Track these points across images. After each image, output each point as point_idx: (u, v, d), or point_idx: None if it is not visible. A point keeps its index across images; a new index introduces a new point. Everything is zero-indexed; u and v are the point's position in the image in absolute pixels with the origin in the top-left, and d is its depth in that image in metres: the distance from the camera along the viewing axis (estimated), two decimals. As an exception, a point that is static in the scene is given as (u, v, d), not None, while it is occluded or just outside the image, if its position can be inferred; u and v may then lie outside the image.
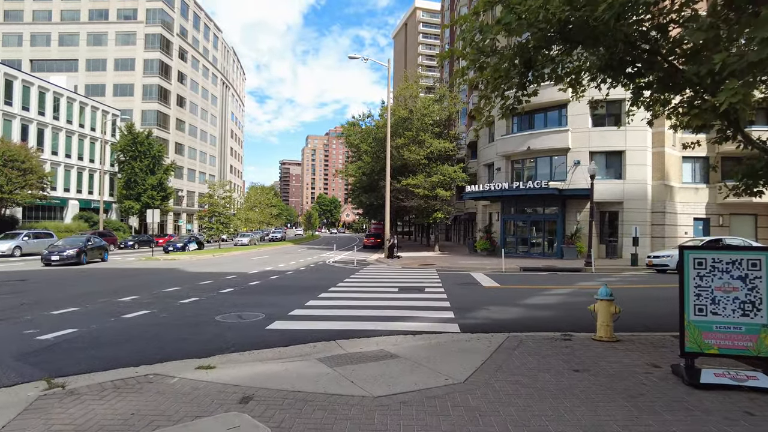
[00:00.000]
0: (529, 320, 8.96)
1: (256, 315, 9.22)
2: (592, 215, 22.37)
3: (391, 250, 26.83)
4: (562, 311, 10.02)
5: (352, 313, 9.47)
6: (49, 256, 21.90)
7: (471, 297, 12.10)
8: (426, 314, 9.36)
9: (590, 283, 15.54)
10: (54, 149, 47.40)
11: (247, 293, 12.60)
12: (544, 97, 29.29)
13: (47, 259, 21.79)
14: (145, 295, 12.04)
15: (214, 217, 40.76)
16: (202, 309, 9.97)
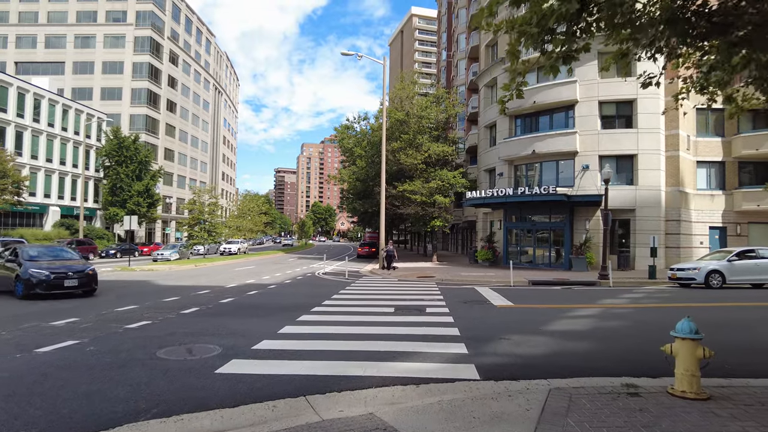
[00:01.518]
0: (565, 356, 6.92)
1: (210, 349, 7.13)
2: (606, 223, 20.42)
3: (389, 261, 24.66)
4: (601, 342, 7.98)
5: (335, 346, 7.39)
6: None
7: (483, 320, 10.05)
8: (430, 347, 7.30)
9: (615, 301, 13.53)
10: (34, 153, 45.18)
11: (212, 315, 10.50)
12: (549, 97, 27.62)
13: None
14: (89, 317, 9.94)
15: (198, 224, 38.52)
16: (146, 338, 7.88)
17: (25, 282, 12.69)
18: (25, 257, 13.49)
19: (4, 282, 13.78)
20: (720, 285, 16.74)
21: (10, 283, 13.35)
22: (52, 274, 12.91)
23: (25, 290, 12.68)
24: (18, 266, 13.16)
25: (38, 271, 12.89)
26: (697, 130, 27.81)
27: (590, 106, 26.76)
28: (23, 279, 12.71)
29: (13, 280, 13.17)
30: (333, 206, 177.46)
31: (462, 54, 49.93)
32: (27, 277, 12.67)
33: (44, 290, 12.71)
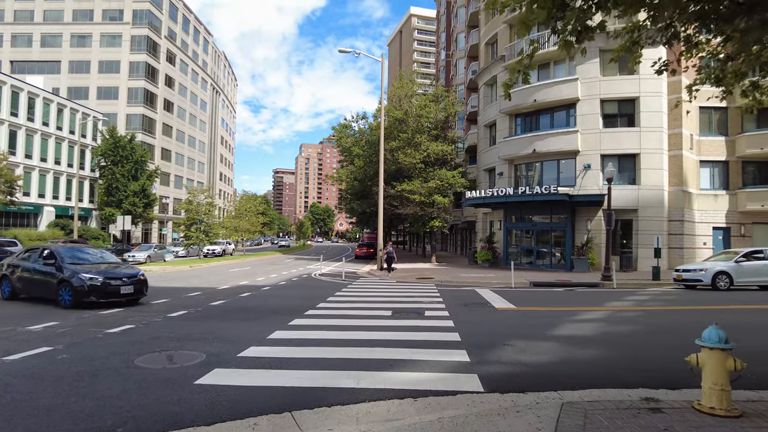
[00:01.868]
0: (575, 365, 6.44)
1: (193, 356, 6.63)
2: (610, 223, 19.93)
3: (388, 262, 24.03)
4: (610, 348, 7.50)
5: (327, 353, 6.89)
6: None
7: (484, 325, 9.55)
8: (430, 355, 6.81)
9: (621, 303, 13.05)
10: (28, 153, 44.57)
11: (200, 318, 10.00)
12: (550, 95, 27.16)
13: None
14: (69, 321, 9.43)
15: (194, 225, 37.94)
16: (126, 344, 7.38)
17: (75, 289, 11.04)
18: (67, 260, 11.83)
19: (40, 288, 12.03)
20: (727, 287, 16.27)
21: (50, 290, 11.62)
22: (108, 279, 11.41)
23: (74, 298, 11.05)
24: (57, 270, 11.57)
25: (92, 276, 11.25)
26: (700, 128, 27.38)
27: (592, 104, 26.31)
28: (74, 285, 11.05)
29: (54, 287, 11.46)
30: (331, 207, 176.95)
31: (461, 53, 49.47)
32: (79, 283, 11.04)
33: (99, 298, 11.17)
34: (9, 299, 12.57)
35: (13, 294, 12.59)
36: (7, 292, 12.74)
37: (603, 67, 26.40)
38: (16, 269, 12.63)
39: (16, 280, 12.52)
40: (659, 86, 25.61)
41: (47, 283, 11.76)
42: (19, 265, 12.66)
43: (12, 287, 12.59)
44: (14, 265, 12.77)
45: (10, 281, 12.65)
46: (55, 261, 11.86)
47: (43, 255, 12.45)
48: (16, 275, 12.53)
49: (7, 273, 12.85)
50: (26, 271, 12.39)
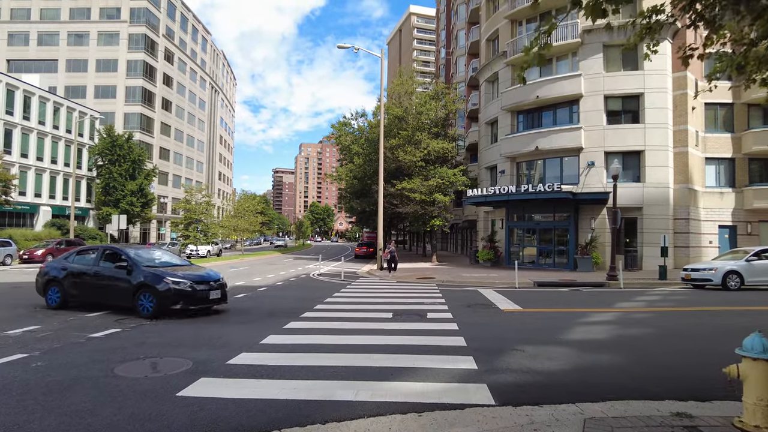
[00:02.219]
0: (590, 372, 5.95)
1: (178, 363, 6.15)
2: (616, 222, 19.44)
3: (390, 262, 23.35)
4: (627, 354, 7.01)
5: (323, 360, 6.40)
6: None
7: (490, 328, 9.06)
8: (434, 362, 6.32)
9: (630, 304, 12.56)
10: (24, 152, 44.05)
11: (190, 321, 9.51)
12: (552, 92, 26.68)
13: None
14: (54, 324, 8.95)
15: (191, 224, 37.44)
16: (109, 350, 6.89)
17: (161, 294, 9.64)
18: (142, 262, 10.45)
19: (109, 295, 10.45)
20: (738, 286, 15.79)
21: (123, 297, 10.13)
22: (195, 284, 10.07)
23: (158, 306, 9.66)
24: (129, 273, 10.11)
25: (178, 279, 9.89)
26: (705, 125, 26.89)
27: (595, 100, 25.81)
28: (159, 291, 9.65)
29: (130, 293, 9.96)
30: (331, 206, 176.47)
31: (461, 51, 48.98)
32: (165, 288, 9.67)
33: (188, 305, 9.86)
34: (58, 308, 10.74)
35: (63, 302, 10.84)
36: (56, 299, 10.87)
37: (606, 63, 25.91)
38: (69, 273, 10.83)
39: (70, 285, 10.75)
40: (664, 82, 25.13)
41: (119, 288, 10.17)
42: (74, 268, 10.85)
43: (63, 294, 10.83)
44: (65, 268, 10.95)
45: (62, 287, 10.84)
46: (128, 263, 10.32)
47: (107, 256, 10.93)
48: (70, 280, 10.75)
49: (56, 277, 10.94)
50: (86, 275, 10.63)
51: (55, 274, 11.01)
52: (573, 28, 26.36)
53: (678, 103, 25.46)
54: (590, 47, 26.02)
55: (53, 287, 10.98)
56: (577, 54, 26.50)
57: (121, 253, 10.79)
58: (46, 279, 11.13)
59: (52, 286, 10.99)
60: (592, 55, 25.95)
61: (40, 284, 11.28)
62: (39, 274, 11.45)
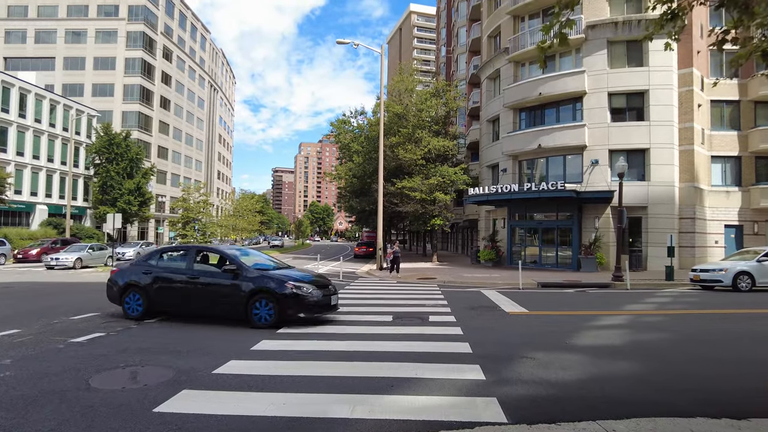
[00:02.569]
0: (608, 383, 5.46)
1: (160, 373, 5.66)
2: (621, 221, 18.98)
3: (393, 263, 22.72)
4: (644, 361, 6.53)
5: (317, 370, 5.92)
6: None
7: (496, 332, 8.57)
8: (438, 371, 5.83)
9: (640, 306, 12.09)
10: (19, 150, 43.53)
11: (180, 324, 9.02)
12: (555, 89, 26.19)
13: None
14: (37, 326, 8.47)
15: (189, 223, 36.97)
16: (88, 357, 6.41)
17: (283, 302, 8.49)
18: (251, 264, 9.33)
19: (211, 303, 9.04)
20: (749, 288, 15.31)
21: (232, 305, 8.78)
22: (317, 288, 8.97)
23: (279, 315, 8.52)
24: (235, 278, 8.80)
25: (301, 284, 8.75)
26: (711, 123, 26.42)
27: (599, 97, 25.33)
28: (280, 298, 8.48)
29: (241, 300, 8.66)
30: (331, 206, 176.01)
31: (462, 48, 48.52)
32: (288, 294, 8.51)
33: (312, 312, 8.80)
34: (140, 318, 9.34)
35: (147, 310, 9.39)
36: (138, 309, 9.38)
37: (611, 59, 25.42)
38: (156, 278, 9.37)
39: (157, 292, 9.30)
40: (669, 79, 24.64)
41: (226, 296, 8.82)
42: (162, 272, 9.44)
43: (147, 301, 9.34)
44: (149, 271, 9.49)
45: (145, 294, 9.33)
46: (235, 266, 8.93)
47: (203, 257, 9.75)
48: (157, 286, 9.31)
49: (137, 282, 9.42)
50: (178, 281, 9.20)
51: (135, 279, 9.47)
52: (577, 23, 25.86)
53: (683, 100, 24.98)
54: (594, 43, 25.53)
55: (133, 294, 9.45)
56: (581, 50, 26.01)
57: (222, 253, 9.57)
58: (124, 284, 9.55)
59: (132, 292, 9.46)
60: (595, 52, 25.47)
61: (115, 290, 9.72)
62: (112, 279, 9.86)
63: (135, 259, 10.09)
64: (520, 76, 28.82)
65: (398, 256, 22.33)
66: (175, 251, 10.26)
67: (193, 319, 9.52)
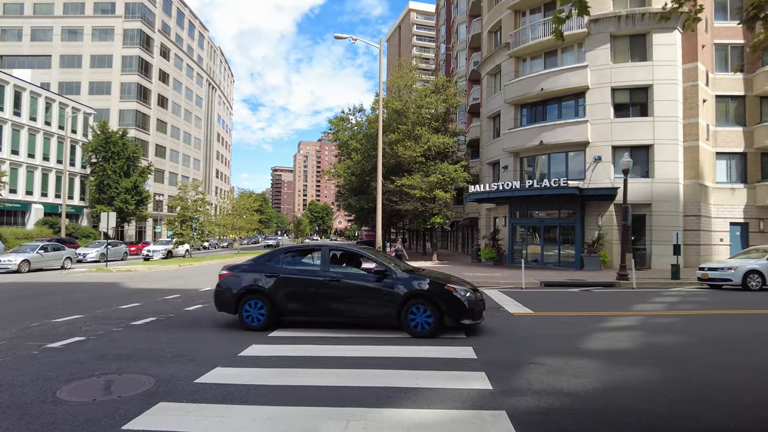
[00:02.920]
0: (626, 393, 4.97)
1: (138, 382, 5.19)
2: (627, 218, 18.50)
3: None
4: (662, 367, 6.05)
5: (309, 379, 5.44)
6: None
7: (501, 335, 8.07)
8: (440, 380, 5.35)
9: (650, 307, 11.61)
10: (14, 148, 43.07)
11: (167, 327, 8.55)
12: (558, 84, 25.70)
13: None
14: (14, 330, 7.99)
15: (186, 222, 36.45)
16: (62, 364, 5.93)
17: (443, 308, 7.64)
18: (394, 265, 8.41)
19: (357, 309, 8.08)
20: (759, 287, 14.84)
21: (385, 311, 7.87)
22: (473, 292, 8.03)
23: (439, 322, 7.67)
24: (380, 280, 7.90)
25: (459, 287, 7.86)
26: (716, 118, 25.94)
27: (602, 93, 24.84)
28: (440, 303, 7.64)
29: (395, 306, 7.74)
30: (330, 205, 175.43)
31: (462, 45, 48.06)
32: (449, 298, 7.66)
33: (474, 318, 7.81)
34: (262, 329, 8.16)
35: (271, 319, 8.24)
36: (260, 318, 8.22)
37: (614, 54, 24.93)
38: (282, 281, 8.24)
39: (285, 297, 8.19)
40: (674, 73, 24.15)
41: (374, 300, 7.90)
42: (289, 274, 8.32)
43: (273, 309, 8.20)
44: (273, 273, 8.33)
45: (269, 300, 8.20)
46: (386, 269, 7.99)
47: (337, 258, 8.85)
48: (285, 291, 8.19)
49: (259, 287, 8.26)
50: (311, 284, 8.14)
51: (257, 284, 8.29)
52: (579, 17, 25.36)
53: (688, 95, 24.50)
54: (597, 37, 25.03)
55: (253, 300, 8.27)
56: (583, 45, 25.53)
57: (360, 253, 8.77)
58: (243, 290, 8.31)
59: (252, 299, 8.28)
60: (598, 46, 24.97)
61: (228, 297, 8.43)
62: (224, 284, 8.55)
63: (244, 262, 8.99)
64: (521, 72, 28.33)
65: (401, 254, 21.55)
66: (301, 251, 9.24)
67: (182, 323, 9.04)
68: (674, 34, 24.24)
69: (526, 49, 27.37)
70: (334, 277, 8.13)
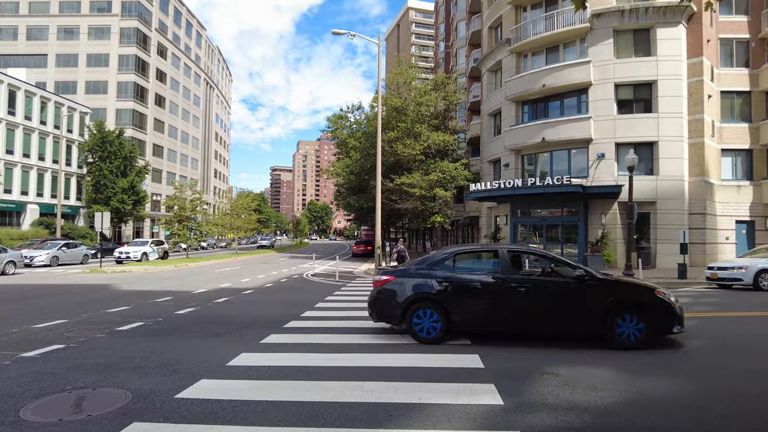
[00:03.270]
0: (653, 408, 4.50)
1: (113, 398, 4.71)
2: (632, 216, 18.05)
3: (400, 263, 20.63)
4: (690, 375, 5.58)
5: (301, 393, 4.95)
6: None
7: (508, 341, 7.52)
8: (446, 394, 4.88)
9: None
10: (9, 148, 42.46)
11: (154, 333, 8.07)
12: (560, 80, 25.26)
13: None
14: (-11, 339, 7.52)
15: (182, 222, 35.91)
16: (35, 375, 5.45)
17: (656, 316, 6.95)
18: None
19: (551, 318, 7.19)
20: (771, 286, 14.39)
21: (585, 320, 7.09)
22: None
23: (651, 331, 6.94)
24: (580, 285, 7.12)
25: (666, 291, 7.30)
26: (721, 115, 25.47)
27: (605, 89, 24.37)
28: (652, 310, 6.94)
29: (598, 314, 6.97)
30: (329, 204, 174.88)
31: (461, 42, 47.55)
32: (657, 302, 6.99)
33: (682, 325, 7.08)
34: (437, 341, 7.29)
35: (447, 331, 7.35)
36: (434, 329, 7.31)
37: (617, 49, 24.47)
38: (457, 287, 7.37)
39: (461, 306, 7.32)
40: (678, 68, 23.68)
41: (572, 307, 7.09)
42: (468, 281, 7.41)
43: (447, 319, 7.30)
44: (446, 279, 7.43)
45: (443, 309, 7.31)
46: (586, 273, 7.24)
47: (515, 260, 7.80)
48: (460, 299, 7.35)
49: (431, 295, 7.41)
50: (494, 291, 7.25)
51: (428, 290, 7.41)
52: (581, 12, 24.87)
53: (693, 91, 24.03)
54: (600, 32, 24.56)
55: (423, 310, 7.38)
56: (586, 40, 25.06)
57: (547, 255, 7.82)
58: (411, 297, 7.43)
59: (423, 307, 7.38)
60: (601, 41, 24.51)
61: (393, 305, 7.55)
62: (387, 290, 7.65)
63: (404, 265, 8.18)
64: (522, 68, 27.84)
65: (404, 255, 20.73)
66: (475, 253, 8.36)
67: (171, 328, 8.56)
68: (679, 29, 23.77)
69: (528, 44, 26.90)
70: (521, 283, 7.20)
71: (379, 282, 7.83)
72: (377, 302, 7.78)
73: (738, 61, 25.50)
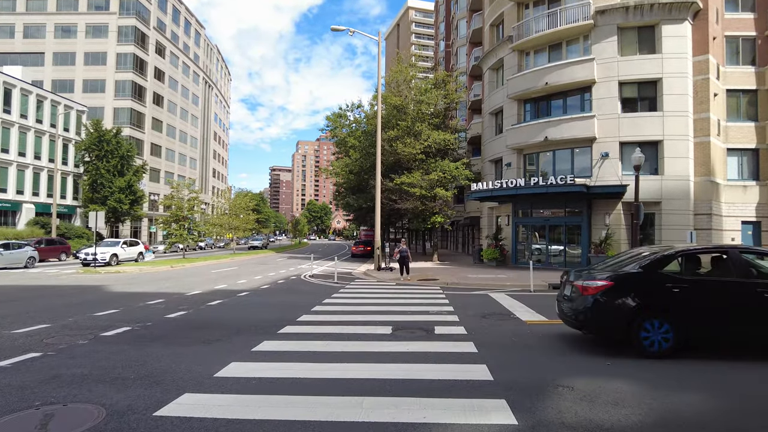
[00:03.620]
0: (683, 429, 4.05)
1: (85, 415, 4.25)
2: (638, 216, 17.60)
3: (402, 264, 19.64)
4: (719, 389, 5.13)
5: (292, 411, 4.49)
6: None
7: (518, 350, 7.12)
8: (452, 412, 4.42)
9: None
10: (4, 147, 41.99)
11: (139, 339, 7.60)
12: (563, 78, 24.80)
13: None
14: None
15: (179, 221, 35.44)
16: (3, 389, 4.99)
17: None
18: None
19: None
20: (783, 289, 13.91)
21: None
22: None
23: None
24: None
25: None
26: (727, 113, 25.02)
27: (609, 87, 23.92)
28: None
29: None
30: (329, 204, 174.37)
31: (462, 41, 47.12)
32: None
33: None
34: (665, 355, 6.40)
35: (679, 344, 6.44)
36: (665, 342, 6.42)
37: (621, 46, 24.01)
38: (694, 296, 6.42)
39: (696, 317, 6.40)
40: (684, 66, 23.24)
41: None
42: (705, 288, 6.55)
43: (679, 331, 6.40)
44: (675, 287, 6.46)
45: (674, 320, 6.42)
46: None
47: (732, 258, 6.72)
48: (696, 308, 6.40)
49: (661, 304, 6.48)
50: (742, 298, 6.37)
51: (653, 298, 6.51)
52: (584, 9, 24.47)
53: (699, 89, 23.58)
54: (603, 30, 24.12)
55: (655, 321, 6.42)
56: (589, 37, 24.61)
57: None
58: (636, 306, 6.45)
59: (651, 319, 6.43)
60: (605, 39, 24.06)
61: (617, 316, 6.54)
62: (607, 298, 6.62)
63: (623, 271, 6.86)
64: (524, 66, 27.39)
65: (406, 255, 20.15)
66: (704, 254, 7.18)
67: (158, 334, 8.09)
68: (684, 26, 23.34)
69: (530, 42, 26.45)
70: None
71: (597, 288, 6.64)
72: (600, 311, 6.62)
73: (744, 59, 25.07)
